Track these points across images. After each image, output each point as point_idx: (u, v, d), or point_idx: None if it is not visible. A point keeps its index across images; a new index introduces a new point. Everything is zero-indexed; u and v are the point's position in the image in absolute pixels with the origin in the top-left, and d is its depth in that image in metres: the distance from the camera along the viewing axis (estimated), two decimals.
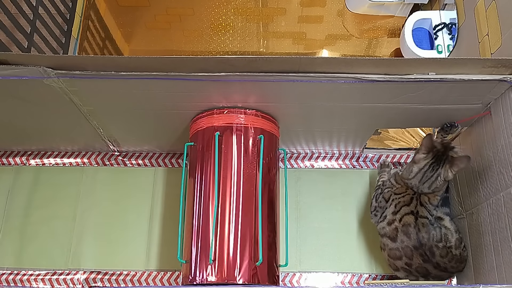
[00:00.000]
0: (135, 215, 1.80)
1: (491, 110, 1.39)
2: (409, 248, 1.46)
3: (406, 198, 1.49)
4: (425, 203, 1.47)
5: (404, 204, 1.48)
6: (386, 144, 1.91)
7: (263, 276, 1.39)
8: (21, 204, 1.84)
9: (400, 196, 1.50)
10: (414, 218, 1.46)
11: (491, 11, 1.46)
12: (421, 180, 1.45)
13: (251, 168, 1.45)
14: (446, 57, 1.92)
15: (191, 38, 2.36)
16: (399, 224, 1.48)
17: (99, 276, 1.73)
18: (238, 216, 1.40)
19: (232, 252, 1.36)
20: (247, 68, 1.23)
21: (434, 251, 1.45)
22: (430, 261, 1.45)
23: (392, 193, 1.53)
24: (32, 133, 1.76)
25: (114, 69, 1.24)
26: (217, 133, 1.46)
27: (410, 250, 1.46)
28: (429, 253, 1.45)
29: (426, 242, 1.45)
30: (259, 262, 1.36)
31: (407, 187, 1.49)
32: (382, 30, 2.32)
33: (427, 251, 1.45)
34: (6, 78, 1.27)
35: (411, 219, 1.46)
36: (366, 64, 1.23)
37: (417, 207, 1.47)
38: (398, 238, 1.48)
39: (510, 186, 1.27)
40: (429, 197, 1.47)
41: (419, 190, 1.46)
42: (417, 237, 1.45)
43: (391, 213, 1.50)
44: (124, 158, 1.90)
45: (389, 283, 1.32)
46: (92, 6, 2.40)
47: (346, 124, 1.59)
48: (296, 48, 2.33)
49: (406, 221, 1.47)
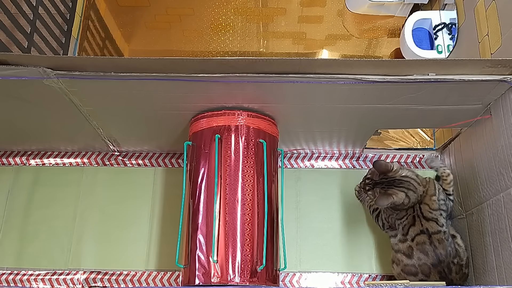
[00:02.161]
0: (135, 215, 1.80)
1: (491, 110, 1.39)
2: (427, 266, 1.43)
3: (409, 219, 1.47)
4: (428, 213, 1.45)
5: (410, 225, 1.46)
6: (386, 144, 1.92)
7: (263, 276, 1.39)
8: (21, 204, 1.84)
9: (404, 220, 1.48)
10: (427, 236, 1.44)
11: (491, 11, 1.46)
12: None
13: (250, 169, 1.45)
14: (446, 57, 1.92)
15: (191, 38, 2.36)
16: (412, 243, 1.45)
17: (99, 276, 1.73)
18: (237, 217, 1.40)
19: (231, 253, 1.36)
20: (247, 69, 1.23)
21: (451, 267, 1.43)
22: (447, 277, 1.43)
23: (395, 219, 1.51)
24: (32, 133, 1.76)
25: (113, 70, 1.24)
26: (217, 134, 1.46)
27: (428, 268, 1.43)
28: (447, 270, 1.43)
29: (444, 258, 1.42)
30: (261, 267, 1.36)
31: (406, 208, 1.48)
32: (382, 30, 2.32)
33: (445, 268, 1.43)
34: (6, 78, 1.27)
35: (424, 237, 1.44)
36: (366, 65, 1.23)
37: (424, 225, 1.44)
38: (414, 255, 1.45)
39: (510, 187, 1.27)
40: (428, 204, 1.46)
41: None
42: (434, 254, 1.42)
43: (401, 234, 1.49)
44: (124, 158, 1.90)
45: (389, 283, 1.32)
46: (92, 6, 2.40)
47: (346, 125, 1.59)
48: (296, 48, 2.33)
49: (419, 240, 1.44)
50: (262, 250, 1.40)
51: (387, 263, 1.70)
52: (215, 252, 1.36)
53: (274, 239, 1.47)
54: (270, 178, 1.50)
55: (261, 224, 1.42)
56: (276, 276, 1.45)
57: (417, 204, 1.46)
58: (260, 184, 1.46)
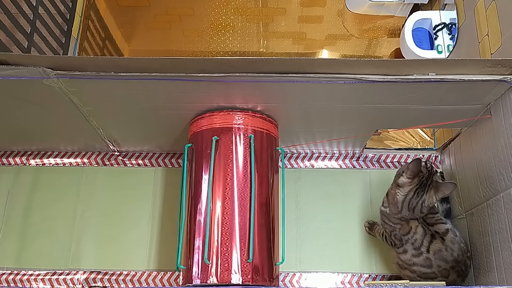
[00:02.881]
0: (135, 215, 1.80)
1: (491, 110, 1.39)
2: (447, 270, 1.42)
3: (419, 234, 1.44)
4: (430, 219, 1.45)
5: (422, 238, 1.44)
6: (386, 144, 1.91)
7: (263, 276, 1.39)
8: (21, 204, 1.84)
9: (411, 235, 1.45)
10: (441, 240, 1.42)
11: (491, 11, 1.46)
12: (409, 208, 1.42)
13: (250, 169, 1.45)
14: (446, 57, 1.92)
15: (191, 38, 2.36)
16: (429, 254, 1.43)
17: (99, 276, 1.73)
18: (236, 217, 1.40)
19: (230, 253, 1.36)
20: (247, 69, 1.23)
21: (467, 263, 1.44)
22: (464, 273, 1.44)
23: (401, 236, 1.48)
24: (32, 133, 1.76)
25: (113, 69, 1.24)
26: (216, 135, 1.46)
27: (447, 271, 1.42)
28: (463, 267, 1.43)
29: (461, 258, 1.42)
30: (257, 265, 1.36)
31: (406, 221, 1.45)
32: (382, 30, 2.32)
33: (463, 266, 1.43)
34: (6, 78, 1.27)
35: (438, 244, 1.42)
36: (366, 65, 1.23)
37: (432, 229, 1.43)
38: (434, 264, 1.42)
39: (510, 187, 1.27)
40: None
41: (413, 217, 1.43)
42: (452, 257, 1.41)
43: (413, 248, 1.45)
44: (124, 158, 1.90)
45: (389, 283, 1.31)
46: (92, 6, 2.40)
47: (346, 125, 1.59)
48: (296, 48, 2.33)
49: (435, 249, 1.42)
50: (261, 250, 1.40)
51: (387, 263, 1.70)
52: (214, 252, 1.36)
53: (274, 239, 1.47)
54: (270, 178, 1.50)
55: (260, 224, 1.42)
56: (276, 276, 1.45)
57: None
58: (259, 184, 1.46)
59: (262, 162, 1.48)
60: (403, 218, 1.46)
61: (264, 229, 1.43)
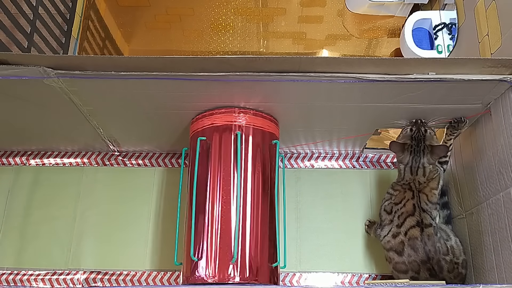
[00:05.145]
0: (135, 215, 1.80)
1: (491, 110, 1.39)
2: (416, 263, 1.43)
3: (408, 207, 1.48)
4: (425, 204, 1.46)
5: (408, 215, 1.47)
6: (386, 144, 1.91)
7: (262, 275, 1.39)
8: (21, 204, 1.84)
9: (401, 206, 1.49)
10: (420, 230, 1.44)
11: (491, 11, 1.46)
12: (412, 172, 1.50)
13: (250, 168, 1.45)
14: (446, 57, 1.92)
15: (191, 38, 2.37)
16: (404, 237, 1.46)
17: (99, 276, 1.73)
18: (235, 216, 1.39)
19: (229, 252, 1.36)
20: (247, 68, 1.23)
21: (442, 265, 1.43)
22: (437, 276, 1.43)
23: (392, 204, 1.52)
24: (32, 133, 1.76)
25: (114, 69, 1.24)
26: (217, 134, 1.46)
27: (417, 265, 1.43)
28: (437, 268, 1.43)
29: (434, 255, 1.42)
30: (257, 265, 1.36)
31: (405, 189, 1.49)
32: (382, 30, 2.32)
33: (435, 265, 1.42)
34: (6, 78, 1.27)
35: (417, 232, 1.44)
36: (366, 64, 1.23)
37: (421, 215, 1.45)
38: (405, 252, 1.45)
39: (509, 187, 1.27)
40: (427, 195, 1.47)
41: (416, 182, 1.48)
42: (424, 250, 1.43)
43: (396, 225, 1.49)
44: (124, 158, 1.90)
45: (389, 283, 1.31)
46: (92, 6, 2.41)
47: (346, 124, 1.59)
48: (296, 48, 2.33)
49: (412, 235, 1.45)
50: (260, 249, 1.40)
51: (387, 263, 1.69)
52: (213, 251, 1.36)
53: (273, 239, 1.46)
54: (270, 178, 1.50)
55: (260, 224, 1.42)
56: (276, 276, 1.45)
57: (417, 191, 1.48)
58: (259, 184, 1.46)
59: (262, 161, 1.48)
60: (405, 183, 1.51)
61: (264, 228, 1.43)
